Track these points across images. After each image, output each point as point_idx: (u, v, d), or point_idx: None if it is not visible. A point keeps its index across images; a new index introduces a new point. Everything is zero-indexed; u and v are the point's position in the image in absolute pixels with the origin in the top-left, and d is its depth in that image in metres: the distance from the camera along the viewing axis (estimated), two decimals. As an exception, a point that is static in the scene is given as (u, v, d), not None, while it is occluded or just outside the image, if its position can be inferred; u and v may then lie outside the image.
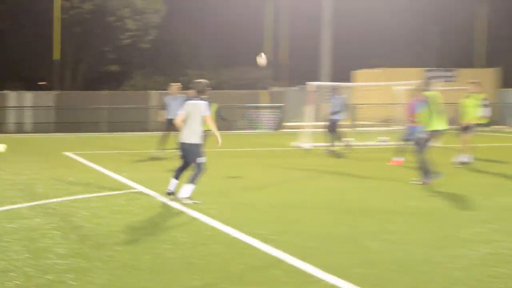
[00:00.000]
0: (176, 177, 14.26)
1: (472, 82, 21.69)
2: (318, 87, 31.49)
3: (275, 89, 60.91)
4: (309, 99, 30.14)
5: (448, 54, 77.94)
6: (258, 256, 9.45)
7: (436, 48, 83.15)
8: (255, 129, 45.15)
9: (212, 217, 12.31)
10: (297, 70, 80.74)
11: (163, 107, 24.64)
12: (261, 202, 14.12)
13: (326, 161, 23.13)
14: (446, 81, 52.77)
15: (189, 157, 13.97)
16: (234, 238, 10.66)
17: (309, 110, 30.06)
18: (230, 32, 78.04)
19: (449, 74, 55.15)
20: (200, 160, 13.80)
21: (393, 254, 9.48)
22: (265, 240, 10.39)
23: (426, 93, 16.60)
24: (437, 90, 16.80)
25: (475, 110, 20.95)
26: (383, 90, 47.27)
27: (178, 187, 14.21)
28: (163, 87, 26.35)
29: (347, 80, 53.56)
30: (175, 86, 24.89)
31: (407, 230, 11.12)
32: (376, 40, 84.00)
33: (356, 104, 45.22)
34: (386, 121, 46.00)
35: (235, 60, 71.42)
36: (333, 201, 14.16)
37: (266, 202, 14.12)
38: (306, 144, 29.13)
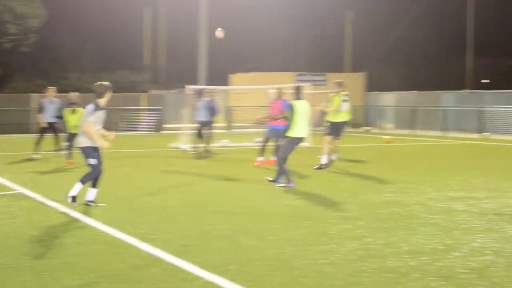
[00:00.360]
0: (93, 185, 13.95)
1: (336, 82, 22.49)
2: (196, 90, 31.92)
3: (154, 92, 60.87)
4: (187, 101, 30.54)
5: (318, 59, 79.58)
6: (138, 255, 9.70)
7: (308, 53, 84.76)
8: (135, 131, 45.43)
9: (93, 217, 12.49)
10: (175, 73, 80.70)
11: (40, 110, 24.69)
12: (141, 203, 14.37)
13: (204, 162, 23.47)
14: (316, 85, 54.00)
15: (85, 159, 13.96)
16: (114, 238, 10.88)
17: (187, 112, 30.47)
18: (110, 36, 77.42)
19: (318, 78, 56.44)
20: (90, 161, 13.72)
21: (267, 251, 9.89)
22: (144, 239, 10.66)
23: (293, 102, 17.13)
24: (304, 100, 17.38)
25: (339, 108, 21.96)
26: (257, 93, 48.10)
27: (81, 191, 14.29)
28: (44, 90, 26.12)
29: (225, 83, 54.17)
30: (51, 90, 25.01)
31: (280, 228, 11.56)
32: (251, 45, 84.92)
33: (232, 106, 46.01)
34: (262, 123, 46.69)
35: (115, 64, 70.94)
36: (210, 201, 14.50)
37: (146, 202, 14.38)
38: (185, 145, 29.50)
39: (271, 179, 17.50)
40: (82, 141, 13.80)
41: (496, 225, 11.72)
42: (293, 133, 17.09)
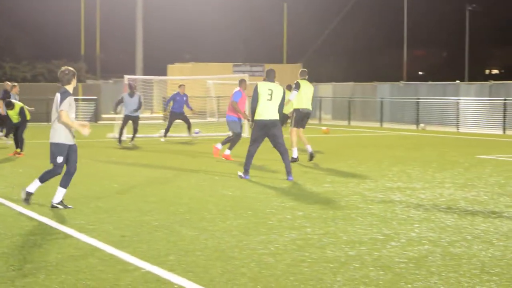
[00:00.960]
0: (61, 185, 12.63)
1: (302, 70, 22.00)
2: (134, 80, 31.78)
3: (91, 81, 60.32)
4: (125, 91, 30.27)
5: (256, 50, 79.80)
6: (76, 246, 9.59)
7: (246, 44, 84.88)
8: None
9: (29, 208, 12.33)
10: (112, 63, 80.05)
11: None
12: (79, 194, 14.22)
13: (142, 153, 23.35)
14: (253, 75, 54.19)
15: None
16: (51, 228, 10.76)
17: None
18: (46, 26, 76.55)
19: (256, 69, 56.61)
20: (58, 160, 12.47)
21: (207, 241, 9.87)
22: (82, 230, 10.56)
23: (259, 83, 16.55)
24: (274, 82, 16.61)
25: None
26: (194, 83, 48.02)
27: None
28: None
29: (163, 73, 53.95)
30: None
31: (220, 218, 11.55)
32: (189, 36, 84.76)
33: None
34: (199, 114, 46.70)
35: (51, 54, 70.14)
36: (149, 191, 14.43)
37: (83, 194, 14.24)
38: (122, 136, 29.30)
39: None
40: (55, 136, 12.47)
41: (432, 215, 11.86)
42: (256, 115, 16.53)
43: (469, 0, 70.59)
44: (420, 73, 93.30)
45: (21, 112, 21.93)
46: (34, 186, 12.61)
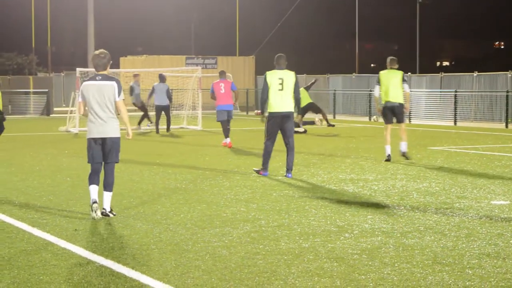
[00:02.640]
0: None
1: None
2: (86, 72, 31.59)
3: (42, 75, 59.77)
4: (77, 84, 30.12)
5: (208, 43, 79.71)
6: (28, 240, 9.52)
7: (198, 37, 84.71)
8: (24, 114, 44.70)
9: (-21, 203, 12.20)
10: (64, 56, 79.34)
11: None
12: (31, 187, 14.15)
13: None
14: (207, 68, 54.06)
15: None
16: (3, 222, 10.67)
17: (76, 95, 30.05)
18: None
19: (209, 61, 56.49)
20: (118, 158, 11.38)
21: (161, 234, 9.84)
22: (35, 224, 10.48)
23: (267, 72, 15.74)
24: (285, 69, 15.76)
25: None
26: (146, 76, 47.77)
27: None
28: None
29: (115, 66, 53.57)
30: None
31: (174, 211, 11.53)
32: (142, 28, 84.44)
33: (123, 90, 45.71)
34: (151, 107, 46.66)
35: (1, 46, 69.34)
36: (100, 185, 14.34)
37: (36, 187, 14.14)
38: (74, 129, 29.17)
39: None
40: (115, 129, 11.13)
41: (385, 207, 11.96)
42: (269, 108, 15.67)
43: (419, -7, 71.22)
44: (372, 65, 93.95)
45: None
46: (109, 200, 11.19)
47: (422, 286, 7.45)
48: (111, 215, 11.05)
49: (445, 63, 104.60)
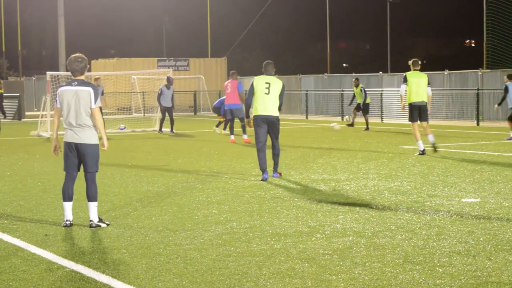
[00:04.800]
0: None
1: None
2: (56, 76, 31.48)
3: (12, 79, 59.40)
4: (47, 88, 30.00)
5: (180, 45, 79.59)
6: (-2, 246, 9.46)
7: (170, 38, 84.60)
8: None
9: (-52, 210, 12.10)
10: (35, 60, 78.89)
11: None
12: (1, 192, 14.10)
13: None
14: (178, 70, 54.03)
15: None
16: (-28, 230, 10.58)
17: (47, 99, 29.95)
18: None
19: (181, 63, 56.43)
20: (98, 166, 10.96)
21: (132, 238, 9.80)
22: (5, 230, 10.41)
23: (255, 78, 15.93)
24: (271, 75, 15.87)
25: None
26: (118, 79, 47.70)
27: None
28: None
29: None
30: None
31: (145, 214, 11.48)
32: (113, 31, 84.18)
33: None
34: (123, 109, 46.58)
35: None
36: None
37: (6, 192, 14.04)
38: (46, 133, 29.07)
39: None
40: (93, 136, 10.78)
41: (357, 207, 11.98)
42: (254, 111, 15.80)
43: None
44: (344, 65, 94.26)
45: None
46: (94, 211, 10.70)
47: (392, 285, 7.48)
48: (103, 225, 10.60)
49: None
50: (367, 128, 30.96)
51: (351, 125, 31.78)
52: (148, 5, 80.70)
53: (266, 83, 15.71)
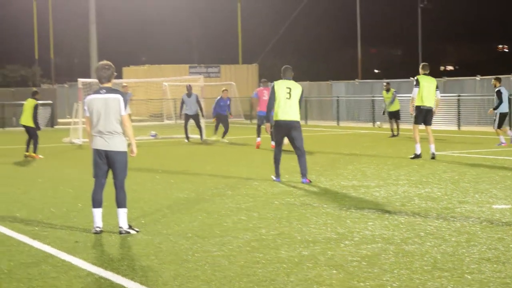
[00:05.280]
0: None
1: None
2: (88, 83, 31.63)
3: (45, 86, 59.86)
4: (79, 95, 30.20)
5: (211, 51, 79.73)
6: (29, 253, 9.53)
7: (201, 45, 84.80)
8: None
9: (-20, 217, 12.23)
10: (67, 67, 79.39)
11: None
12: (33, 199, 14.18)
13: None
14: (210, 77, 54.13)
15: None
16: (4, 235, 10.69)
17: (79, 106, 30.11)
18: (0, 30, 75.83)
19: (212, 70, 56.57)
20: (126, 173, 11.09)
21: (161, 244, 9.84)
22: (35, 236, 10.49)
23: (275, 82, 16.07)
24: (290, 80, 16.02)
25: None
26: (150, 86, 47.83)
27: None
28: None
29: (118, 76, 53.78)
30: None
31: (175, 221, 11.52)
32: (144, 38, 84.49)
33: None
34: (155, 116, 46.76)
35: (4, 58, 69.50)
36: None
37: (38, 199, 14.17)
38: (78, 140, 29.25)
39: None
40: (123, 143, 10.88)
41: (386, 213, 11.94)
42: (275, 116, 15.98)
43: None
44: (376, 71, 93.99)
45: None
46: (124, 217, 10.79)
47: (421, 292, 7.45)
48: (132, 231, 10.63)
49: (449, 68, 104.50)
50: (395, 135, 30.69)
51: (395, 135, 30.99)
52: (179, 12, 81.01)
53: (287, 87, 15.85)
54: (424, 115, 20.47)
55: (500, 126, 25.09)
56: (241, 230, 10.76)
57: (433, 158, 20.26)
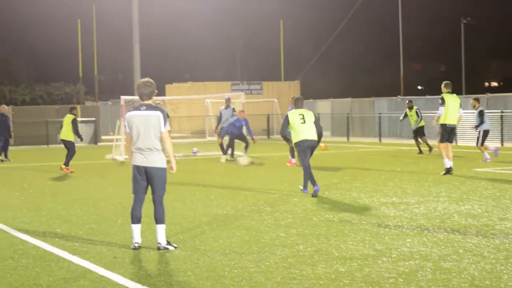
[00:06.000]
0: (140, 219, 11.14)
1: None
2: (130, 101, 31.89)
3: (90, 103, 60.49)
4: (121, 112, 30.45)
5: (254, 68, 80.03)
6: (68, 268, 9.63)
7: (243, 62, 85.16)
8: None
9: (22, 231, 12.37)
10: (110, 84, 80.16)
11: None
12: (74, 215, 14.31)
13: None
14: (252, 93, 54.24)
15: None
16: (44, 251, 10.80)
17: (122, 123, 30.35)
18: (44, 48, 76.85)
19: (254, 87, 56.68)
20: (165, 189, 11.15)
21: (199, 260, 9.90)
22: (75, 252, 10.60)
23: (289, 112, 17.25)
24: (302, 107, 17.36)
25: None
26: (192, 103, 48.04)
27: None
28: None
29: (161, 93, 54.10)
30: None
31: (213, 237, 11.57)
32: (187, 55, 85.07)
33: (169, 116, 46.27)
34: (197, 133, 46.96)
35: (49, 76, 70.40)
36: (144, 211, 14.38)
37: (79, 215, 14.31)
38: (120, 157, 29.46)
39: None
40: (162, 160, 10.96)
41: (425, 230, 11.89)
42: (295, 138, 17.03)
43: (464, 13, 70.79)
44: (419, 87, 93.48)
45: None
46: (162, 234, 10.86)
47: (457, 309, 7.40)
48: (170, 247, 10.69)
49: (494, 84, 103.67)
50: (420, 152, 30.57)
51: (429, 149, 30.86)
52: (221, 29, 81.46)
53: (300, 114, 17.03)
54: (449, 133, 20.78)
55: (482, 143, 26.04)
56: (279, 246, 10.78)
57: (449, 173, 20.61)
